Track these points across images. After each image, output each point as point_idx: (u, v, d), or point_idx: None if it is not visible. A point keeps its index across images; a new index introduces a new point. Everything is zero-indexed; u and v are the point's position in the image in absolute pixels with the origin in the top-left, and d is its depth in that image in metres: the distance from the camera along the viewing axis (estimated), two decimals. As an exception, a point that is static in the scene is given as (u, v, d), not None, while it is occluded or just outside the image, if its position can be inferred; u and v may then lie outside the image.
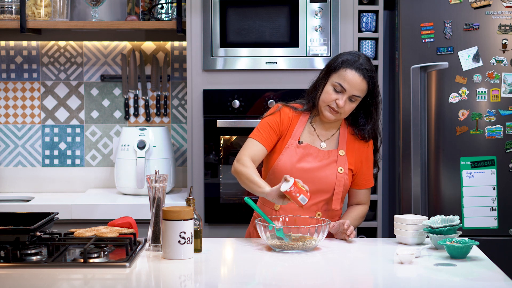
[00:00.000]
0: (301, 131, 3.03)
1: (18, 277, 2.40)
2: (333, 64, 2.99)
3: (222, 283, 2.42)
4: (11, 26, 4.09)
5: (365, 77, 2.94)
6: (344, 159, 3.01)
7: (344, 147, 3.03)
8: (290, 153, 3.00)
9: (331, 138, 3.05)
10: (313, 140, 3.04)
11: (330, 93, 2.95)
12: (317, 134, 3.05)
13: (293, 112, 3.05)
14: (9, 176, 4.38)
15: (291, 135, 3.02)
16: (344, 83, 2.93)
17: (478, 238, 3.08)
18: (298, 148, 3.00)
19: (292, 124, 3.04)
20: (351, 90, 2.93)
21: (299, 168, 2.97)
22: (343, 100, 2.93)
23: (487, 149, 3.83)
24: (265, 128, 3.03)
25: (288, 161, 2.98)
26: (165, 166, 4.11)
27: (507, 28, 3.81)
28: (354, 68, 2.93)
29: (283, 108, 3.06)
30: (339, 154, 3.01)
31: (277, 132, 3.03)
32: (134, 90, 4.38)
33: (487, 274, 2.46)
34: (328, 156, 3.01)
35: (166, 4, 4.20)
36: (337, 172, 2.99)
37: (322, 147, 3.03)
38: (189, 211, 2.60)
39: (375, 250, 2.86)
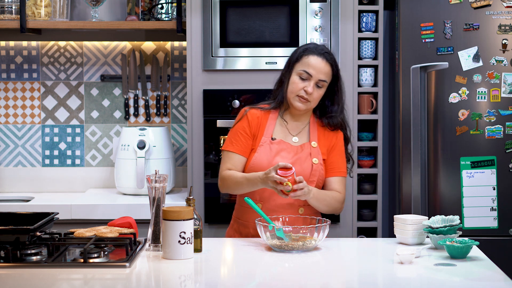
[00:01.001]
0: (272, 128, 3.07)
1: (18, 277, 2.40)
2: (294, 56, 3.05)
3: (222, 283, 2.42)
4: (11, 26, 4.09)
5: (328, 60, 3.00)
6: (317, 150, 3.06)
7: (315, 138, 3.08)
8: (265, 150, 3.03)
9: (302, 132, 3.09)
10: (285, 136, 3.08)
11: (297, 83, 3.00)
12: (288, 129, 3.09)
13: (261, 112, 3.09)
14: (9, 176, 4.38)
15: (263, 133, 3.06)
16: (309, 69, 2.98)
17: (478, 238, 3.08)
18: (272, 144, 3.04)
19: (262, 123, 3.07)
20: (317, 75, 2.98)
21: (275, 163, 2.99)
22: (311, 86, 2.98)
23: (487, 149, 3.83)
24: (237, 136, 3.06)
25: (264, 158, 3.01)
26: (165, 166, 4.11)
27: (507, 28, 3.81)
28: (316, 53, 3.00)
29: (250, 110, 3.09)
30: (312, 146, 3.06)
31: (250, 136, 3.06)
32: (134, 90, 4.38)
33: (487, 274, 2.46)
34: (302, 149, 3.05)
35: (166, 4, 4.20)
36: (312, 163, 3.03)
37: (294, 141, 3.07)
38: (189, 211, 2.60)
39: (375, 250, 2.86)
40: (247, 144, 3.06)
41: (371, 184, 3.99)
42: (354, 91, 3.92)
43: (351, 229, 3.92)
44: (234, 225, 3.15)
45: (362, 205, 4.01)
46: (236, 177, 3.00)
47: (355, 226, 3.93)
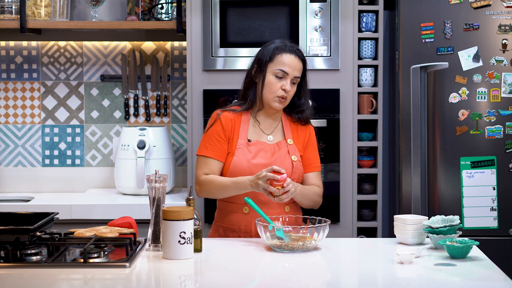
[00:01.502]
0: (246, 130, 3.07)
1: (18, 277, 2.40)
2: (265, 56, 3.04)
3: (222, 283, 2.42)
4: (11, 26, 4.09)
5: (300, 57, 3.04)
6: (293, 147, 3.08)
7: (290, 136, 3.10)
8: (244, 152, 3.03)
9: (275, 130, 3.11)
10: (259, 135, 3.08)
11: (274, 83, 3.01)
12: (261, 129, 3.09)
13: (233, 114, 3.08)
14: (9, 176, 4.38)
15: (238, 136, 3.05)
16: (284, 67, 3.00)
17: (478, 238, 3.08)
18: (250, 146, 3.04)
19: (235, 125, 3.06)
20: (293, 72, 3.00)
21: (256, 164, 3.00)
22: (289, 84, 3.00)
23: (487, 149, 3.83)
24: (211, 141, 3.05)
25: (243, 160, 3.01)
26: (165, 166, 4.11)
27: (507, 28, 3.81)
28: (288, 51, 3.02)
29: (223, 114, 3.08)
30: (288, 144, 3.08)
31: (225, 140, 3.05)
32: (134, 90, 4.38)
33: (487, 274, 2.46)
34: (279, 147, 3.06)
35: (166, 4, 4.20)
36: (292, 161, 3.04)
37: (269, 140, 3.08)
38: (189, 211, 2.60)
39: (375, 250, 2.86)
40: (223, 148, 3.05)
41: (371, 184, 3.99)
42: (354, 91, 3.92)
43: (351, 229, 3.92)
44: (219, 230, 3.12)
45: (362, 205, 4.01)
46: (221, 181, 2.98)
47: (355, 226, 3.93)
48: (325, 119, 3.89)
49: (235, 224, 3.04)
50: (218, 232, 3.11)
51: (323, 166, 3.88)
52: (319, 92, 3.86)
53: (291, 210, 3.06)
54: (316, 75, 3.87)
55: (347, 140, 3.92)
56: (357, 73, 3.94)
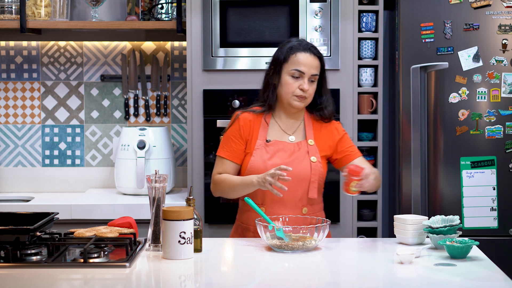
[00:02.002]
0: (266, 130, 3.06)
1: (18, 277, 2.40)
2: (280, 56, 3.04)
3: (222, 283, 2.42)
4: (11, 26, 4.09)
5: (315, 54, 3.02)
6: (314, 148, 3.05)
7: (311, 136, 3.07)
8: (261, 153, 3.02)
9: (297, 130, 3.09)
10: (281, 135, 3.07)
11: (290, 83, 3.00)
12: (282, 129, 3.07)
13: (253, 115, 3.08)
14: (9, 176, 4.38)
15: (257, 137, 3.05)
16: (300, 67, 2.98)
17: (478, 238, 3.08)
18: (268, 147, 3.03)
19: (255, 127, 3.06)
20: (309, 71, 2.99)
21: (272, 164, 2.99)
22: (306, 83, 2.99)
23: (487, 149, 3.83)
24: (228, 142, 3.07)
25: (260, 160, 3.01)
26: (165, 166, 4.11)
27: (507, 28, 3.81)
28: (302, 50, 3.01)
29: (242, 114, 3.09)
30: (309, 144, 3.05)
31: (242, 141, 3.06)
32: (134, 90, 4.38)
33: (487, 274, 2.46)
34: (299, 148, 3.04)
35: (166, 4, 4.20)
36: (311, 162, 3.02)
37: (291, 140, 3.06)
38: (189, 211, 2.60)
39: (375, 250, 2.86)
40: (239, 149, 3.05)
41: (371, 184, 3.99)
42: (354, 91, 3.92)
43: (351, 229, 3.92)
44: (238, 229, 3.13)
45: (362, 205, 4.01)
46: (231, 180, 3.00)
47: (355, 226, 3.93)
48: (325, 119, 3.88)
49: (251, 224, 3.02)
50: (237, 231, 3.13)
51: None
52: (319, 92, 3.86)
53: (309, 212, 3.04)
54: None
55: (347, 140, 3.91)
56: (357, 73, 3.94)
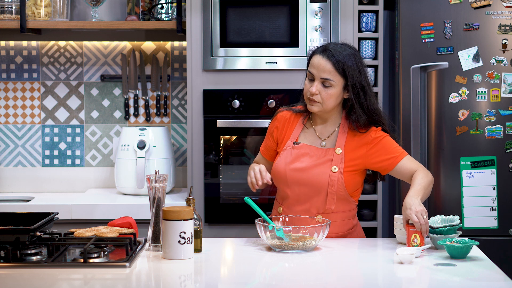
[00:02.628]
0: (299, 132, 3.04)
1: (18, 277, 2.40)
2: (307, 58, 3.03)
3: (222, 283, 2.43)
4: (11, 26, 4.09)
5: (328, 58, 2.90)
6: (340, 157, 2.96)
7: (342, 145, 2.98)
8: (285, 155, 3.01)
9: (331, 137, 3.02)
10: (313, 139, 3.03)
11: (306, 85, 2.99)
12: (316, 133, 3.04)
13: (292, 114, 3.07)
14: (9, 176, 4.38)
15: (289, 137, 3.04)
16: (311, 69, 2.95)
17: (478, 238, 3.08)
18: (294, 149, 3.01)
19: (290, 126, 3.05)
20: (319, 73, 2.92)
21: (292, 168, 2.98)
22: (314, 86, 2.92)
23: (487, 149, 3.83)
24: (267, 138, 3.14)
25: (282, 163, 3.00)
26: (165, 166, 4.11)
27: (507, 28, 3.81)
28: (318, 53, 2.96)
29: (282, 112, 3.09)
30: (336, 153, 2.97)
31: (274, 139, 3.09)
32: (134, 90, 4.38)
33: (487, 274, 2.46)
34: (325, 155, 2.98)
35: (166, 4, 4.20)
36: (330, 172, 2.95)
37: (322, 146, 3.02)
38: (189, 211, 2.60)
39: (375, 250, 2.86)
40: (271, 146, 3.10)
41: (371, 185, 3.99)
42: (354, 91, 3.91)
43: (351, 229, 3.92)
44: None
45: (362, 205, 4.01)
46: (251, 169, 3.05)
47: (355, 226, 3.93)
48: (325, 119, 3.88)
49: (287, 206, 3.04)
50: None
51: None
52: (319, 92, 3.86)
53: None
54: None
55: (347, 140, 3.91)
56: (357, 73, 3.94)
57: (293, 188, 2.98)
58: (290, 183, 2.98)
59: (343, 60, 2.89)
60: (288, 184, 2.98)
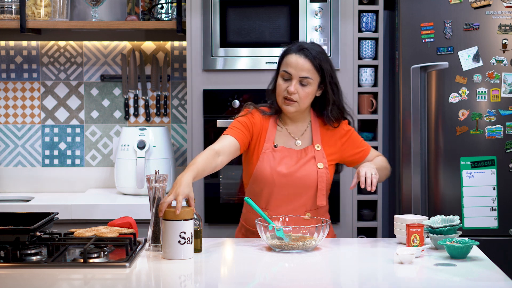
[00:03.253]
0: (274, 134, 3.02)
1: (18, 277, 2.40)
2: (279, 58, 3.02)
3: (222, 283, 2.42)
4: (11, 26, 4.09)
5: (306, 56, 2.94)
6: (321, 153, 3.01)
7: (319, 141, 3.02)
8: (268, 158, 2.99)
9: (304, 135, 3.05)
10: (287, 140, 3.03)
11: (281, 84, 2.97)
12: (289, 133, 3.05)
13: (262, 117, 3.05)
14: (9, 176, 4.38)
15: (265, 139, 3.01)
16: (288, 68, 2.95)
17: (478, 238, 3.08)
18: (275, 152, 3.00)
19: (263, 128, 3.03)
20: (297, 72, 2.93)
21: (279, 171, 2.97)
22: (293, 85, 2.93)
23: (487, 149, 3.83)
24: (236, 125, 3.00)
25: (267, 166, 2.98)
26: (165, 166, 4.11)
27: (507, 28, 3.81)
28: (293, 51, 2.96)
29: (254, 110, 3.06)
30: (316, 149, 3.01)
31: (249, 130, 3.00)
32: (134, 90, 4.38)
33: (487, 274, 2.46)
34: (306, 153, 3.00)
35: (166, 4, 4.20)
36: (317, 168, 2.99)
37: (297, 145, 3.03)
38: (189, 211, 2.60)
39: (375, 250, 2.86)
40: (246, 134, 2.99)
41: (371, 184, 3.98)
42: (354, 91, 3.92)
43: (351, 229, 3.92)
44: (242, 229, 3.13)
45: (362, 205, 4.01)
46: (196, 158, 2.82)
47: (355, 226, 3.93)
48: (325, 119, 3.88)
49: (254, 226, 2.99)
50: (241, 231, 3.12)
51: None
52: (319, 92, 3.86)
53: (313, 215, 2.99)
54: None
55: (347, 140, 3.91)
56: (357, 73, 3.94)
57: (280, 190, 2.97)
58: (278, 186, 2.97)
59: (319, 58, 2.96)
60: (275, 186, 2.97)
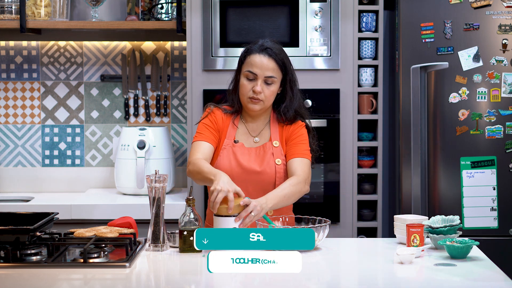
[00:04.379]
0: (234, 130, 3.05)
1: (18, 277, 2.40)
2: (240, 57, 3.02)
3: (222, 283, 2.42)
4: (11, 26, 4.09)
5: (270, 55, 2.96)
6: (279, 149, 3.03)
7: (277, 137, 3.05)
8: (228, 153, 3.01)
9: (262, 132, 3.07)
10: (247, 137, 3.06)
11: (245, 84, 2.98)
12: (248, 131, 3.07)
13: (224, 114, 3.06)
14: (9, 176, 4.38)
15: (226, 136, 3.03)
16: (253, 68, 2.95)
17: (478, 238, 3.07)
18: (235, 147, 3.02)
19: (225, 125, 3.05)
20: (262, 72, 2.95)
21: (238, 166, 2.99)
22: (259, 85, 2.95)
23: (487, 149, 3.83)
24: (204, 129, 3.02)
25: (227, 162, 2.99)
26: (165, 166, 4.11)
27: (507, 28, 3.81)
28: (257, 51, 2.97)
29: (215, 109, 3.07)
30: (274, 146, 3.04)
31: (216, 129, 3.03)
32: (134, 90, 4.38)
33: (487, 274, 2.46)
34: (264, 150, 3.03)
35: (166, 4, 4.20)
36: (275, 164, 3.01)
37: (255, 142, 3.05)
38: (238, 207, 2.69)
39: (375, 250, 2.86)
40: (215, 135, 3.02)
41: (371, 184, 3.99)
42: (354, 91, 3.92)
43: (351, 229, 3.92)
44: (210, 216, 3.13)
45: (362, 205, 4.01)
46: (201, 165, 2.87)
47: (355, 226, 3.93)
48: (325, 119, 3.89)
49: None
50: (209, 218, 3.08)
51: (323, 166, 3.88)
52: (319, 92, 3.86)
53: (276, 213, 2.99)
54: (316, 75, 3.87)
55: (347, 140, 3.92)
56: (357, 73, 3.94)
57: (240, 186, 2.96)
58: (237, 182, 2.94)
59: (282, 56, 2.99)
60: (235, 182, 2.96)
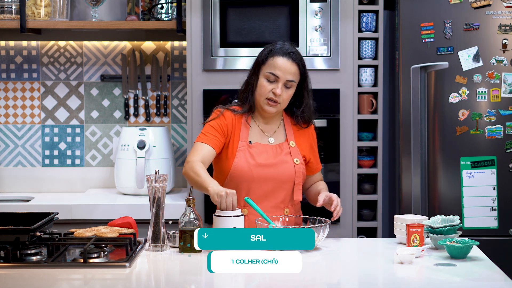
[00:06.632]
0: (247, 131, 3.04)
1: (18, 277, 2.40)
2: (260, 58, 3.02)
3: (223, 283, 2.42)
4: (11, 26, 4.09)
5: (294, 60, 2.98)
6: (296, 149, 3.06)
7: (292, 138, 3.08)
8: (244, 155, 3.00)
9: (277, 132, 3.08)
10: (261, 137, 3.06)
11: (265, 85, 2.97)
12: (262, 131, 3.07)
13: (234, 115, 3.05)
14: (9, 176, 4.38)
15: (239, 138, 3.02)
16: (275, 71, 2.96)
17: (478, 238, 3.07)
18: (251, 148, 3.01)
19: (236, 126, 3.04)
20: (284, 76, 2.96)
21: (257, 165, 2.99)
22: (279, 87, 2.96)
23: (487, 149, 3.83)
24: (210, 130, 3.01)
25: (245, 163, 2.99)
26: (165, 166, 4.11)
27: (507, 28, 3.81)
28: (281, 54, 2.98)
29: (225, 111, 3.06)
30: (290, 146, 3.06)
31: (223, 134, 3.01)
32: (134, 90, 4.38)
33: (487, 274, 2.46)
34: (281, 149, 3.04)
35: (166, 4, 4.20)
36: (294, 164, 3.02)
37: (270, 142, 3.05)
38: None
39: (375, 250, 2.86)
40: (219, 139, 3.00)
41: (371, 184, 3.99)
42: (354, 91, 3.92)
43: (351, 229, 3.92)
44: None
45: (362, 205, 4.01)
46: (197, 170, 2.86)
47: (355, 226, 3.93)
48: (325, 119, 3.89)
49: None
50: None
51: (323, 166, 3.89)
52: (319, 92, 3.86)
53: (290, 212, 3.05)
54: (316, 75, 3.87)
55: (347, 140, 3.92)
56: (357, 73, 3.94)
57: (259, 185, 2.98)
58: (256, 180, 2.97)
59: (303, 61, 3.03)
60: (254, 181, 2.98)
